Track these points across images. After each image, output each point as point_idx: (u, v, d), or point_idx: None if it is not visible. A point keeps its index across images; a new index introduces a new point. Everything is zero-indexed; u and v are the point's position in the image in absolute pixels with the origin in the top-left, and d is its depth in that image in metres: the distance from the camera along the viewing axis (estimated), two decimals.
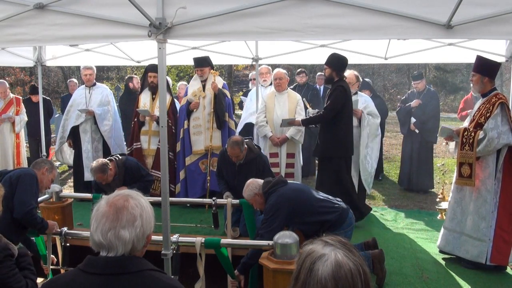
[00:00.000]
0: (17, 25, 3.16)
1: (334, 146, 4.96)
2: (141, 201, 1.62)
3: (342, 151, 5.00)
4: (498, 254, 3.95)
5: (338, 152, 4.99)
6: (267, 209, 3.62)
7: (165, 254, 3.07)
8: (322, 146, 5.06)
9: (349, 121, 5.08)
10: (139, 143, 6.02)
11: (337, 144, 4.96)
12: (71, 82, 9.24)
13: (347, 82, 5.17)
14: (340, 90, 4.91)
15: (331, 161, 5.00)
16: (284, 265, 2.93)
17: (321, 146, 5.07)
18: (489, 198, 3.97)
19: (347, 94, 4.94)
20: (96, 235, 1.53)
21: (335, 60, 5.00)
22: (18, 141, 7.07)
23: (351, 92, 5.22)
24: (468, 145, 4.00)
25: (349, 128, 5.06)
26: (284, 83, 5.74)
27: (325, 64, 5.07)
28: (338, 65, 4.98)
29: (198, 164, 5.80)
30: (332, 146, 4.97)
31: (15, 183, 3.41)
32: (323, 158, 5.14)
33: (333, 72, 4.98)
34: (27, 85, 18.55)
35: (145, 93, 6.14)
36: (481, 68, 4.12)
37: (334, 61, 5.00)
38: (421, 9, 2.65)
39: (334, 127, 4.94)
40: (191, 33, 2.88)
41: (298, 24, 2.76)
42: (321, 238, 1.26)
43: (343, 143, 4.97)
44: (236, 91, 20.10)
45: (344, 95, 4.89)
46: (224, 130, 5.78)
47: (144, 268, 1.55)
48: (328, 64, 5.01)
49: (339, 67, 4.98)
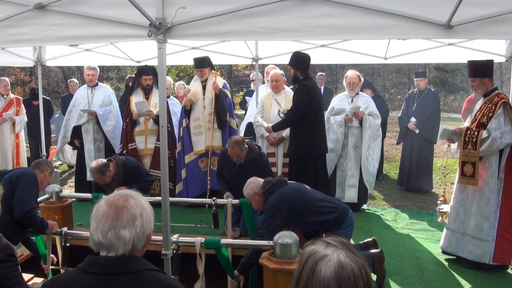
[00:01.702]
0: (17, 25, 3.16)
1: (306, 146, 4.89)
2: (141, 201, 1.62)
3: (314, 150, 4.93)
4: (501, 254, 3.96)
5: (311, 152, 4.93)
6: (267, 209, 3.62)
7: (165, 254, 3.07)
8: (292, 147, 4.99)
9: (318, 120, 4.97)
10: (134, 144, 5.98)
11: (308, 144, 4.88)
12: (72, 82, 9.25)
13: (313, 79, 5.10)
14: (301, 90, 4.82)
15: (306, 162, 4.93)
16: (284, 265, 2.92)
17: (292, 147, 5.00)
18: (492, 198, 3.97)
19: (310, 93, 4.82)
20: (96, 235, 1.53)
21: (296, 59, 4.94)
22: (18, 141, 7.07)
23: (318, 89, 5.11)
24: (471, 144, 4.00)
25: (318, 126, 4.96)
26: (281, 85, 5.72)
27: (288, 64, 5.02)
28: (300, 63, 4.92)
29: (197, 162, 5.80)
30: (303, 146, 4.89)
31: (15, 183, 3.40)
32: (296, 159, 5.04)
33: (296, 71, 4.93)
34: (27, 85, 18.57)
35: (136, 94, 6.09)
36: (478, 71, 4.12)
37: (295, 60, 4.94)
38: (421, 9, 2.65)
39: (302, 127, 4.85)
40: (191, 33, 2.88)
41: (298, 24, 2.76)
42: (322, 239, 1.26)
43: (314, 142, 4.90)
44: (236, 91, 20.11)
45: (307, 95, 4.80)
46: (225, 130, 5.78)
47: (144, 268, 1.55)
48: (290, 64, 4.97)
49: (302, 66, 4.92)
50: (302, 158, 4.95)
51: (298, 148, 4.92)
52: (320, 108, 5.03)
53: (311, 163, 4.97)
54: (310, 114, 4.86)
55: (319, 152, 5.04)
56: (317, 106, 4.94)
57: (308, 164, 4.96)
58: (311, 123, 4.88)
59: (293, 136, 5.00)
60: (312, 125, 4.90)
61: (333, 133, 5.75)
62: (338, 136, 5.71)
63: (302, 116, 4.84)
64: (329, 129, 5.81)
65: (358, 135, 5.69)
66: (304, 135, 4.88)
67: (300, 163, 4.97)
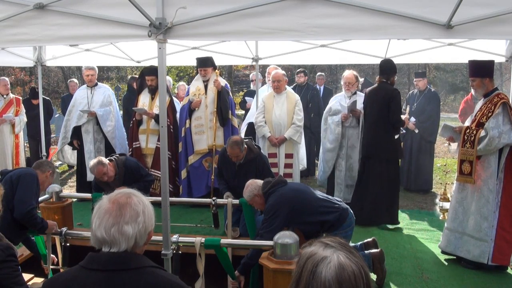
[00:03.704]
0: (17, 25, 3.16)
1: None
2: (143, 199, 1.64)
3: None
4: (500, 255, 3.95)
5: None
6: (267, 209, 3.62)
7: (165, 254, 3.07)
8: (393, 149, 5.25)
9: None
10: (138, 142, 6.03)
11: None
12: (72, 82, 9.24)
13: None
14: (399, 95, 5.19)
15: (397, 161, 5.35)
16: (284, 265, 2.92)
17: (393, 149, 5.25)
18: (491, 198, 3.97)
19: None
20: (99, 231, 1.54)
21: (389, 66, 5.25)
22: (17, 141, 7.07)
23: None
24: (470, 143, 4.01)
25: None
26: (283, 85, 5.73)
27: (384, 74, 5.27)
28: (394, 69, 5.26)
29: (202, 162, 5.80)
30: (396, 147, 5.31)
31: (16, 183, 3.40)
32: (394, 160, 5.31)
33: (390, 77, 5.27)
34: (27, 85, 18.56)
35: (144, 94, 6.15)
36: (478, 71, 4.12)
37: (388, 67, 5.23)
38: (421, 9, 2.65)
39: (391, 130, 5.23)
40: (191, 33, 2.88)
41: (298, 24, 2.76)
42: (320, 240, 1.25)
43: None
44: (236, 91, 20.09)
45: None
46: (227, 128, 5.78)
47: (146, 265, 1.56)
48: (388, 72, 5.25)
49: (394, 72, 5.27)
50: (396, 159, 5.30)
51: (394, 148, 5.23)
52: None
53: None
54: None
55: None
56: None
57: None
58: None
59: (390, 138, 5.22)
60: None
61: (331, 133, 5.76)
62: (336, 136, 5.70)
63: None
64: (327, 129, 5.82)
65: (356, 135, 5.69)
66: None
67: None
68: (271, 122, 5.67)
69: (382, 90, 5.19)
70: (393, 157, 5.26)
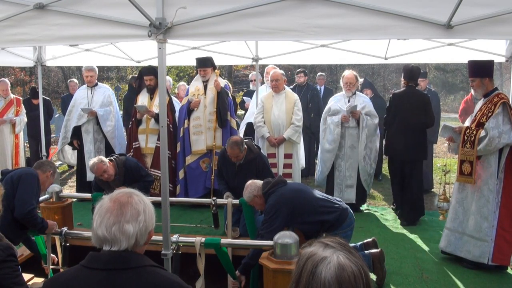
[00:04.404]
0: (17, 25, 3.16)
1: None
2: (144, 198, 1.65)
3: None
4: (500, 255, 3.96)
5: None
6: (267, 210, 3.62)
7: (165, 254, 3.07)
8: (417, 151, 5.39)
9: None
10: (138, 142, 6.03)
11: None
12: (72, 82, 9.24)
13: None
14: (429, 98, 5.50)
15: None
16: (284, 265, 2.92)
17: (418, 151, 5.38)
18: (492, 198, 3.97)
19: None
20: (100, 230, 1.54)
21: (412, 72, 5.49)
22: (17, 141, 7.08)
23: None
24: (470, 143, 4.01)
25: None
26: (281, 84, 5.72)
27: (409, 78, 5.53)
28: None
29: (199, 163, 5.80)
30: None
31: (16, 183, 3.40)
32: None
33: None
34: (27, 85, 18.55)
35: (143, 94, 6.16)
36: (478, 71, 4.12)
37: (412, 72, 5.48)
38: (421, 9, 2.65)
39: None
40: (191, 33, 2.88)
41: (298, 24, 2.76)
42: (320, 240, 1.25)
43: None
44: (236, 91, 20.07)
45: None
46: (226, 129, 5.78)
47: (146, 264, 1.57)
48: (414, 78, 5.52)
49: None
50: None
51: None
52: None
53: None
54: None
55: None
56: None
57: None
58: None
59: (426, 141, 5.40)
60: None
61: (330, 134, 5.75)
62: (335, 136, 5.70)
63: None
64: (326, 129, 5.81)
65: (355, 136, 5.69)
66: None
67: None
68: (270, 122, 5.67)
69: (414, 95, 5.40)
70: (425, 158, 5.57)
